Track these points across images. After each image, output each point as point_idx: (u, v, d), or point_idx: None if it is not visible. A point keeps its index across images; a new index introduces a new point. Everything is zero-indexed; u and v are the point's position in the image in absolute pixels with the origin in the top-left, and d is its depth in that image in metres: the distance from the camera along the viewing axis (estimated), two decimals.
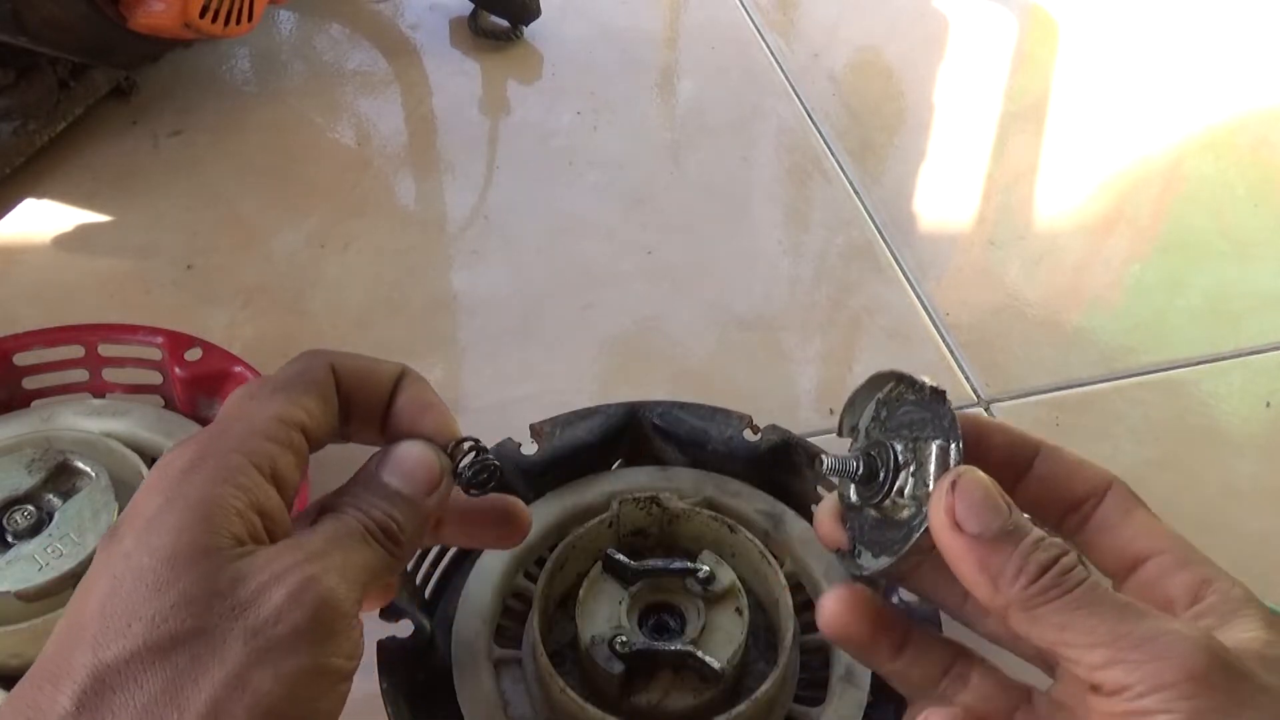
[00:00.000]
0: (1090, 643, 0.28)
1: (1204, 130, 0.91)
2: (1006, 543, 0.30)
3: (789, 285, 0.76)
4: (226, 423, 0.31)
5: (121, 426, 0.58)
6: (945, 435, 0.33)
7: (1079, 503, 0.34)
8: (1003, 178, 0.86)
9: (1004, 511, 0.30)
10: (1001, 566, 0.30)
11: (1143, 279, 0.78)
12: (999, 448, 0.34)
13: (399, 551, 0.33)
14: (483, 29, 0.96)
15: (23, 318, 0.69)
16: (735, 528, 0.48)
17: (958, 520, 0.30)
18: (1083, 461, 0.35)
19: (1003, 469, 0.34)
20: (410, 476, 0.34)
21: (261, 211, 0.79)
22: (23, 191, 0.79)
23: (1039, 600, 0.29)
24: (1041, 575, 0.29)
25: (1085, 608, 0.29)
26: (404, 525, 0.33)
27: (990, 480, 0.31)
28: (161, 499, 0.29)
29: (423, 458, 0.34)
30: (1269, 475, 0.64)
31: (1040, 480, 0.34)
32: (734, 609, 0.45)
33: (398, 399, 0.35)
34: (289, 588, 0.29)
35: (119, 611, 0.27)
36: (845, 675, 0.46)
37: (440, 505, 0.35)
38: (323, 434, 0.34)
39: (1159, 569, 0.32)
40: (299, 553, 0.30)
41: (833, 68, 0.97)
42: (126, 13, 0.73)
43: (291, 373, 0.33)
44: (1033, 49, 1.01)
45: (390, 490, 0.33)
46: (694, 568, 0.46)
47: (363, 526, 0.32)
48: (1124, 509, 0.34)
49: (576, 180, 0.84)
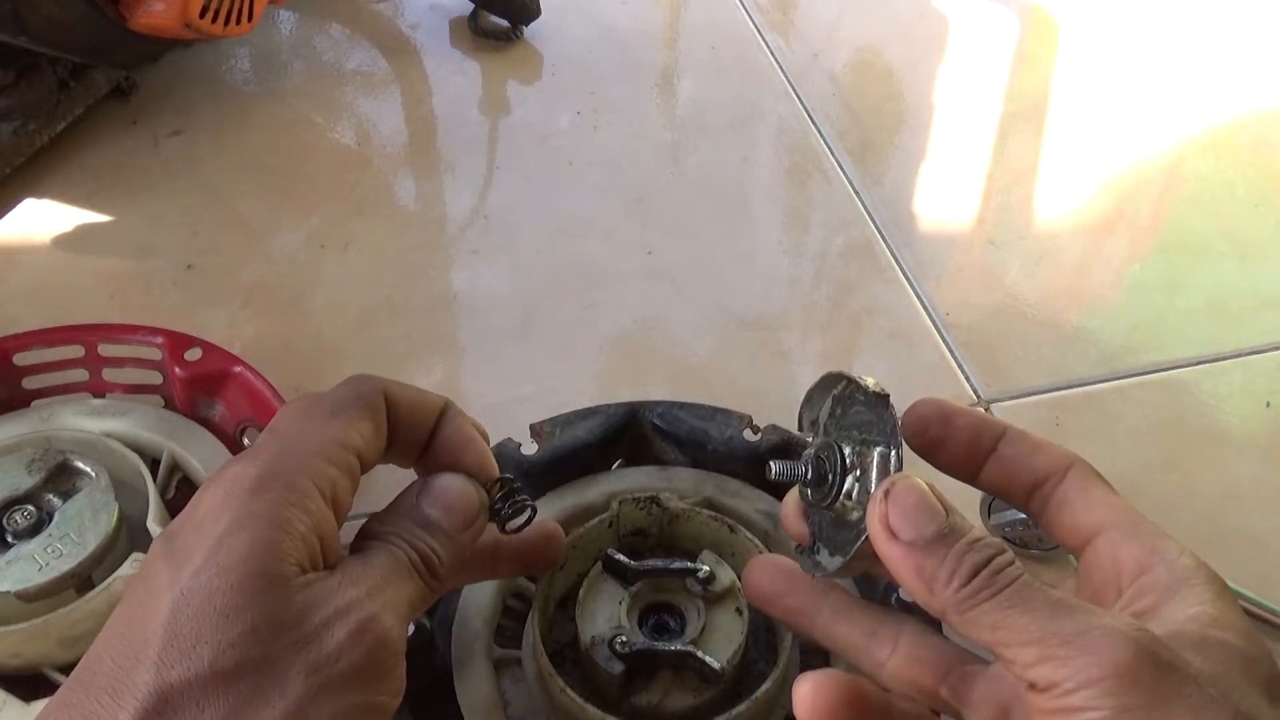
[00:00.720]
0: (1022, 641, 0.29)
1: (1204, 130, 0.91)
2: (940, 547, 0.30)
3: (789, 285, 0.76)
4: (288, 440, 0.32)
5: (121, 426, 0.58)
6: (887, 441, 0.33)
7: (1042, 481, 0.35)
8: (1003, 178, 0.86)
9: (939, 515, 0.31)
10: (935, 571, 0.30)
11: (1143, 279, 0.78)
12: (963, 430, 0.35)
13: (437, 586, 0.34)
14: (483, 29, 0.96)
15: (23, 318, 0.69)
16: (735, 528, 0.48)
17: (892, 528, 0.31)
18: (1047, 444, 0.35)
19: (968, 450, 0.35)
20: (450, 509, 0.35)
21: (261, 211, 0.79)
22: (23, 191, 0.79)
23: (971, 602, 0.29)
24: (973, 577, 0.29)
25: (1017, 606, 0.29)
26: (443, 559, 0.34)
27: (924, 486, 0.31)
28: (230, 518, 0.30)
29: (463, 492, 0.35)
30: (1269, 475, 0.64)
31: (1004, 461, 0.35)
32: (734, 609, 0.45)
33: (442, 430, 0.36)
34: (350, 626, 0.29)
35: (186, 632, 0.28)
36: None
37: (474, 540, 0.36)
38: (373, 458, 0.34)
39: (1109, 543, 0.33)
40: (360, 588, 0.30)
41: (833, 68, 0.97)
42: (126, 13, 0.73)
43: (349, 395, 0.34)
44: (1033, 49, 1.01)
45: (431, 521, 0.34)
46: (694, 568, 0.46)
47: (409, 560, 0.33)
48: (1082, 486, 0.34)
49: (576, 180, 0.84)
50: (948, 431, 0.35)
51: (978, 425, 0.35)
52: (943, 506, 0.31)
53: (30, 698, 0.47)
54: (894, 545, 0.31)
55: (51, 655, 0.48)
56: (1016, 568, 0.30)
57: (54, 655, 0.48)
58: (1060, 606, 0.29)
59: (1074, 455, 0.35)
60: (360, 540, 0.34)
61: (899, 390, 0.35)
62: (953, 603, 0.30)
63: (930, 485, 0.31)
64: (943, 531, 0.30)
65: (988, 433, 0.35)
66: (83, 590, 0.49)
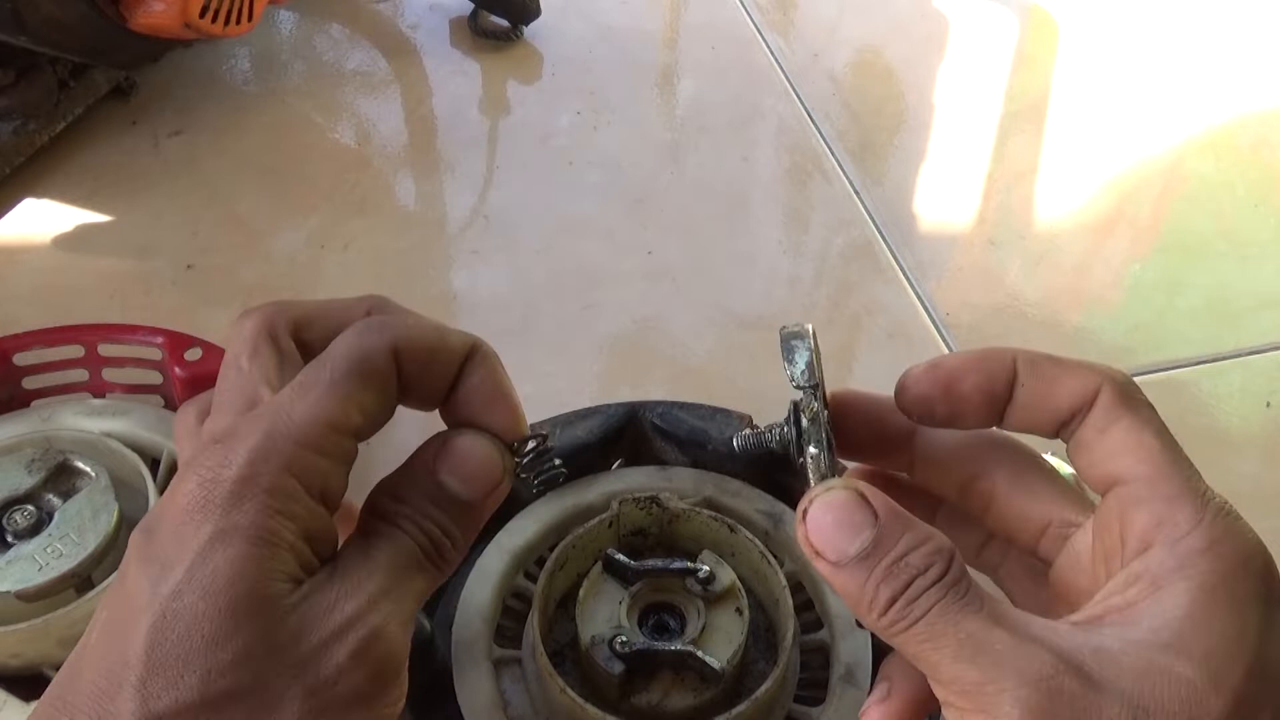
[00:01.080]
0: (935, 677, 0.27)
1: (1204, 130, 0.91)
2: (860, 569, 0.28)
3: (789, 285, 0.76)
4: (274, 422, 0.28)
5: (121, 426, 0.57)
6: (817, 437, 0.31)
7: (1068, 417, 0.31)
8: (1003, 178, 0.86)
9: (862, 531, 0.28)
10: (858, 594, 0.28)
11: (1143, 279, 0.78)
12: (972, 393, 0.31)
13: (446, 570, 0.31)
14: (483, 29, 0.96)
15: (23, 318, 0.68)
16: (735, 528, 0.48)
17: (816, 550, 0.29)
18: (1068, 366, 0.31)
19: (986, 412, 0.32)
20: (471, 480, 0.31)
21: (261, 211, 0.79)
22: (23, 191, 0.79)
23: (890, 631, 0.28)
24: (890, 605, 0.27)
25: (930, 641, 0.27)
26: (457, 539, 0.31)
27: (846, 495, 0.29)
28: (212, 528, 0.27)
29: (487, 459, 0.31)
30: (1269, 475, 0.64)
31: (1024, 409, 0.31)
32: (734, 609, 0.45)
33: (466, 380, 0.32)
34: (351, 647, 0.27)
35: (171, 659, 0.26)
36: (845, 675, 0.46)
37: (495, 507, 0.32)
38: (375, 428, 0.30)
39: (1120, 502, 0.29)
40: (361, 596, 0.28)
41: (833, 68, 0.97)
42: (126, 13, 0.73)
43: (352, 360, 0.29)
44: (1033, 49, 1.01)
45: (448, 494, 0.31)
46: (694, 568, 0.46)
47: (420, 550, 0.30)
48: (1103, 424, 0.30)
49: (576, 180, 0.84)
50: (956, 405, 0.31)
51: (984, 381, 0.31)
52: (872, 510, 0.28)
53: (30, 697, 0.47)
54: (821, 564, 0.29)
55: (51, 655, 0.48)
56: (937, 590, 0.27)
57: (54, 655, 0.48)
58: (970, 645, 0.26)
59: (1102, 373, 0.31)
60: (367, 519, 0.30)
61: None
62: (878, 628, 0.28)
63: (861, 487, 0.29)
64: (864, 552, 0.28)
65: (999, 381, 0.31)
66: (83, 590, 0.49)
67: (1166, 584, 0.27)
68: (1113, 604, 0.28)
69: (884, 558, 0.28)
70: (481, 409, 0.32)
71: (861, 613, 0.28)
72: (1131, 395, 0.31)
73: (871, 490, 0.29)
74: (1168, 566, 0.27)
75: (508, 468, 0.32)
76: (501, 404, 0.32)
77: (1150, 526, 0.28)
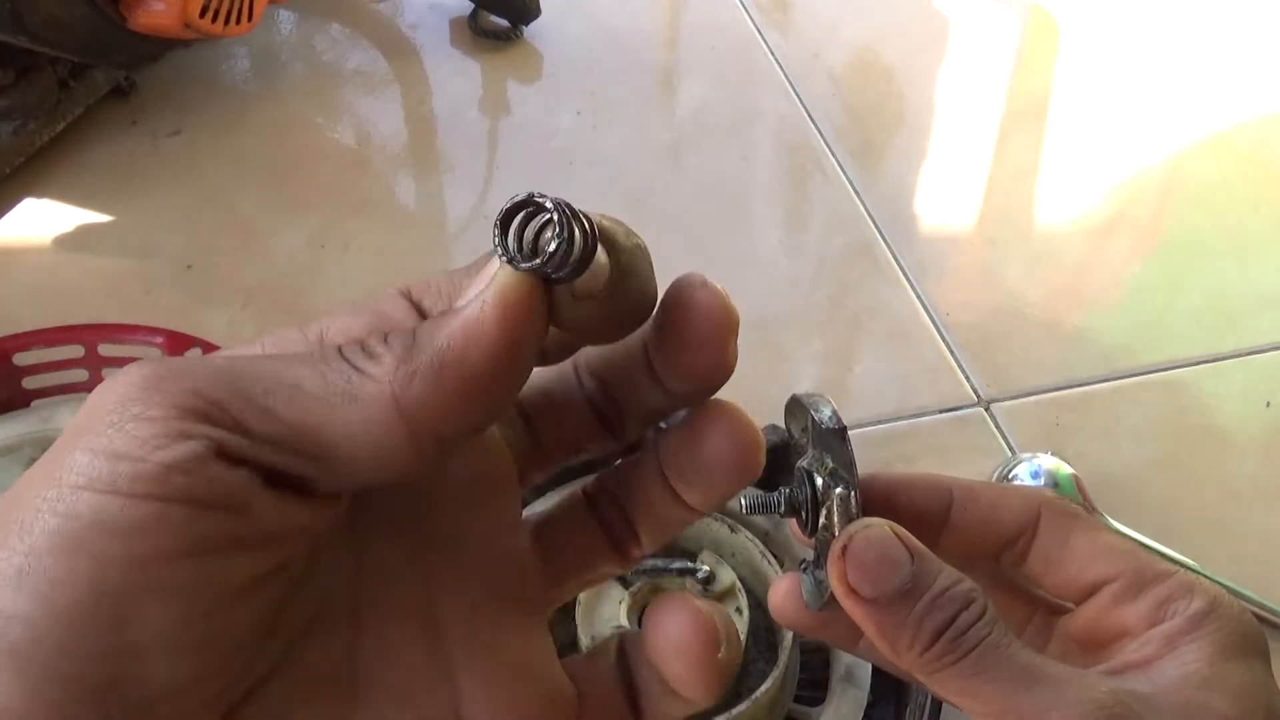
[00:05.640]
0: (986, 711, 0.27)
1: (1204, 131, 0.91)
2: (901, 606, 0.28)
3: (789, 285, 0.76)
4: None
5: None
6: (846, 480, 0.31)
7: (1011, 541, 0.32)
8: (1003, 178, 0.86)
9: (902, 567, 0.28)
10: (898, 632, 0.28)
11: (1143, 279, 0.78)
12: (907, 508, 0.32)
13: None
14: (483, 29, 0.96)
15: (23, 318, 0.68)
16: (735, 528, 0.48)
17: (852, 586, 0.28)
18: (1003, 494, 0.32)
19: (917, 528, 0.31)
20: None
21: (261, 211, 0.79)
22: (23, 191, 0.79)
23: (935, 666, 0.28)
24: (936, 640, 0.28)
25: (981, 674, 0.27)
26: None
27: (886, 532, 0.29)
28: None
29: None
30: (1269, 475, 0.64)
31: (961, 530, 0.32)
32: (734, 609, 0.45)
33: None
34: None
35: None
36: (845, 675, 0.46)
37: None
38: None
39: (1113, 598, 0.30)
40: None
41: (833, 67, 0.97)
42: (126, 13, 0.73)
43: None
44: (1033, 49, 1.01)
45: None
46: (694, 568, 0.46)
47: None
48: (1060, 538, 0.31)
49: (576, 180, 0.84)
50: (890, 514, 0.31)
51: (924, 498, 0.32)
52: (909, 550, 0.28)
53: None
54: (856, 603, 0.28)
55: None
56: (983, 625, 0.28)
57: None
58: (1025, 675, 0.27)
59: (1037, 498, 0.32)
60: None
61: (899, 390, 0.34)
62: (916, 665, 0.28)
63: (894, 527, 0.29)
64: (904, 588, 0.28)
65: (936, 503, 0.32)
66: None
67: (1182, 644, 0.29)
68: (1131, 660, 0.29)
69: (924, 593, 0.28)
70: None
71: (899, 649, 0.28)
72: (1069, 508, 0.32)
73: (901, 529, 0.29)
74: (1180, 629, 0.29)
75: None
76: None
77: (1153, 611, 0.30)
